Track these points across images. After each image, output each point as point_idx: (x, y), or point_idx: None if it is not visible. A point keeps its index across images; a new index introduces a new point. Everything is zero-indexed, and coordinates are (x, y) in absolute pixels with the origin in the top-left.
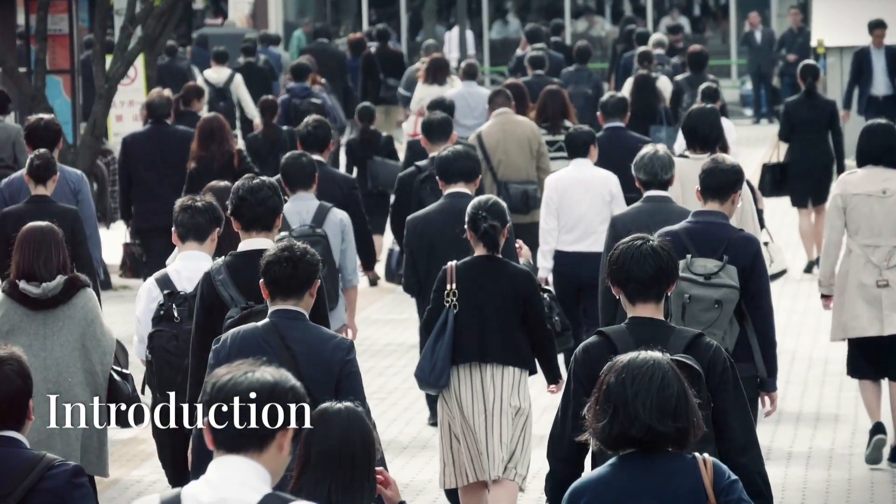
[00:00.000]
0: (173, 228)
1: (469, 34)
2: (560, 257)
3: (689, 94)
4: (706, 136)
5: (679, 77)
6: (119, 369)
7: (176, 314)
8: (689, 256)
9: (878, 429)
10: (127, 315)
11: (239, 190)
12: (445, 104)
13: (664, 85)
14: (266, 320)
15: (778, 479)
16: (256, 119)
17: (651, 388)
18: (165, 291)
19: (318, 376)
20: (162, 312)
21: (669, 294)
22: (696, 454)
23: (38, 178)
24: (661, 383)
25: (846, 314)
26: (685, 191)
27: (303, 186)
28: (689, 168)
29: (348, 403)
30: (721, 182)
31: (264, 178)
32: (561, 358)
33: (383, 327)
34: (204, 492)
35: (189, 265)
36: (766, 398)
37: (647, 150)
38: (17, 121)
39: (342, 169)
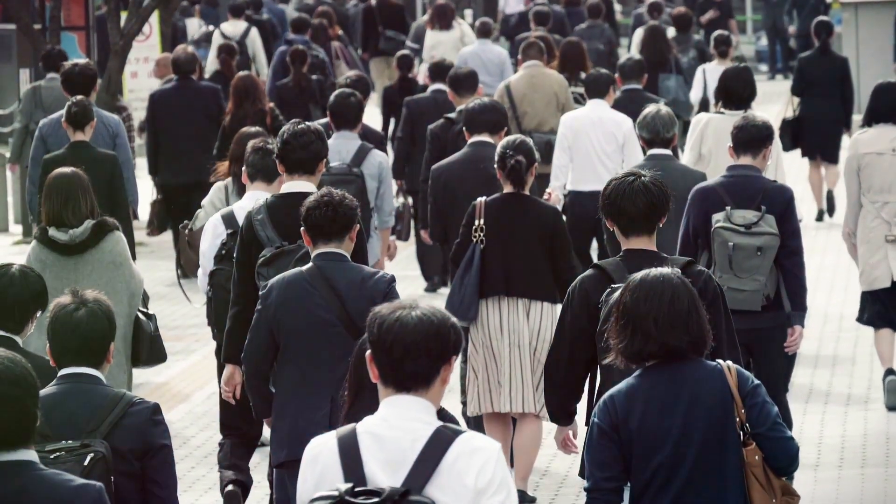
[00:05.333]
0: (244, 168)
1: None
2: (575, 196)
3: (677, 51)
4: (741, 94)
5: None
6: (144, 310)
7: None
8: (728, 208)
9: (889, 371)
10: (147, 272)
11: (284, 134)
12: (445, 65)
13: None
14: (310, 264)
15: (794, 435)
16: (263, 75)
17: (662, 304)
18: (229, 231)
19: (364, 311)
20: (224, 252)
21: (718, 230)
22: (721, 361)
23: (77, 124)
24: (671, 297)
25: (865, 266)
26: (718, 145)
27: (348, 125)
28: (722, 123)
29: None
30: (753, 136)
31: (310, 123)
32: None
33: (400, 283)
34: (380, 426)
35: (254, 204)
36: (788, 330)
37: (649, 109)
38: (32, 78)
39: (377, 116)
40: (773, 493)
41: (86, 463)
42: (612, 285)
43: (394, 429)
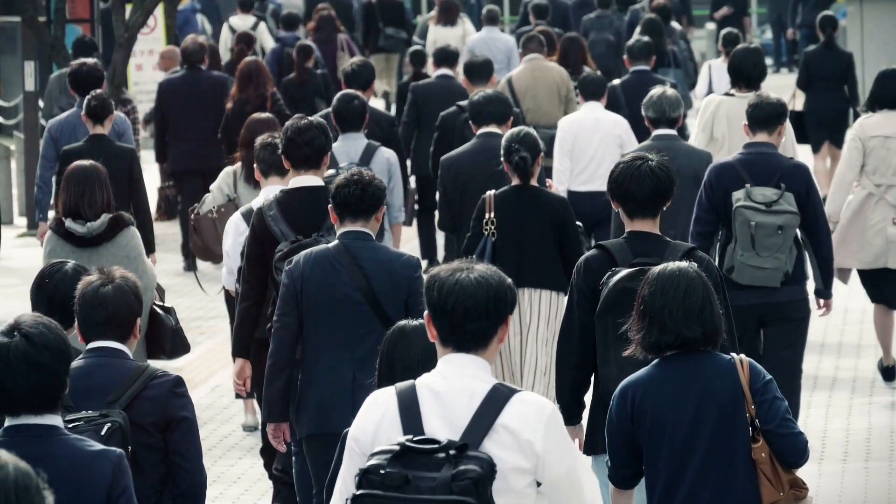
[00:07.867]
0: (255, 165)
1: None
2: (573, 197)
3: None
4: (750, 75)
5: None
6: (161, 304)
7: None
8: (747, 186)
9: (889, 375)
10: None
11: (288, 130)
12: (450, 50)
13: None
14: (336, 241)
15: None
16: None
17: (677, 297)
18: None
19: (389, 291)
20: None
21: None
22: (734, 355)
23: (96, 117)
24: (685, 291)
25: (848, 248)
26: (731, 127)
27: (352, 127)
28: (735, 106)
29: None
30: (769, 113)
31: (312, 118)
32: None
33: None
34: (438, 382)
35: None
36: (821, 301)
37: (656, 90)
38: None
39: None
40: (781, 487)
41: (102, 433)
42: (614, 267)
43: (452, 385)
